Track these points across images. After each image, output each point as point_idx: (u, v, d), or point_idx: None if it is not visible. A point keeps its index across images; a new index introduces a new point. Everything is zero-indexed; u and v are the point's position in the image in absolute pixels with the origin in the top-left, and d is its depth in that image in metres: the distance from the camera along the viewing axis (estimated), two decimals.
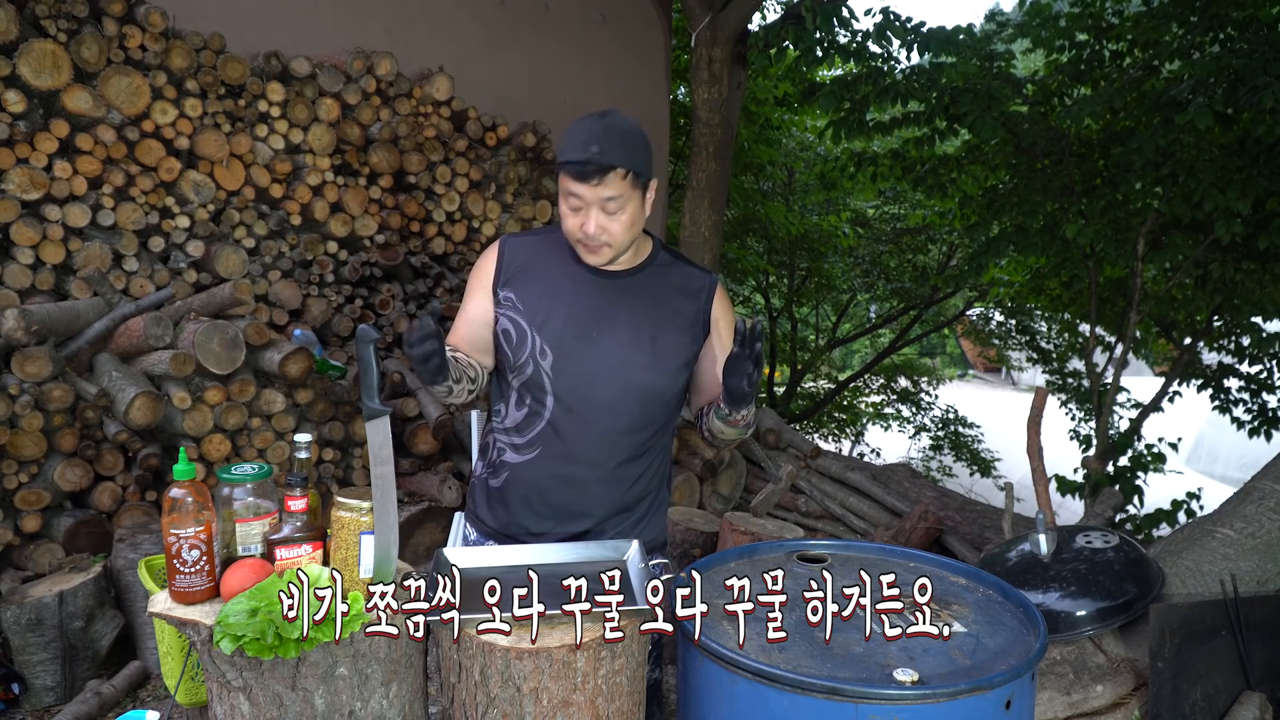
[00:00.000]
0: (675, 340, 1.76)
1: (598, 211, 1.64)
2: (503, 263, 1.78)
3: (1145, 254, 4.65)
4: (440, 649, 1.51)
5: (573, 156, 1.61)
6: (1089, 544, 2.58)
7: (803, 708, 1.24)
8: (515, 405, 1.78)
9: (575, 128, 1.65)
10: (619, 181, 1.62)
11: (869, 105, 5.22)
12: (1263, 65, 3.82)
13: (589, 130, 1.62)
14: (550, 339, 1.72)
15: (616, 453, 1.77)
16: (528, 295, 1.75)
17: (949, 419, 9.31)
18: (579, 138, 1.62)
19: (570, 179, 1.63)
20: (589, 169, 1.60)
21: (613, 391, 1.73)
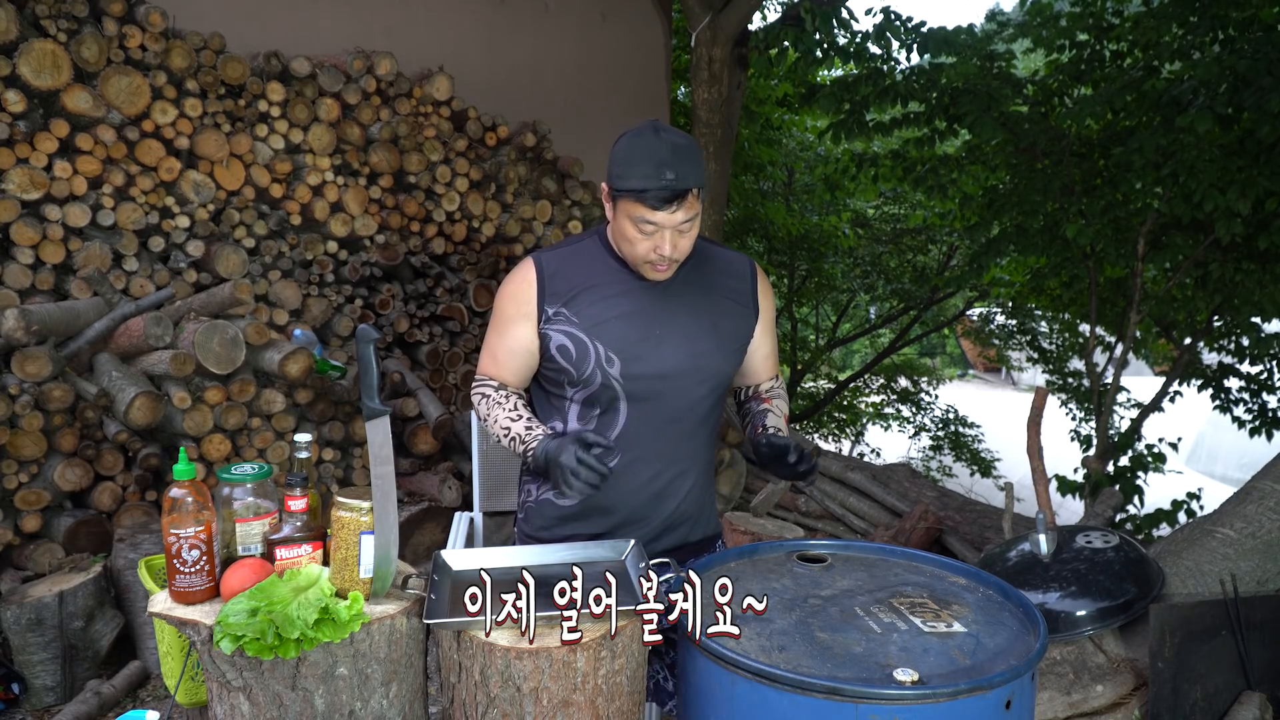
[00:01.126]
0: (734, 323, 1.78)
1: (672, 233, 1.60)
2: (543, 282, 1.73)
3: (1145, 254, 4.65)
4: (440, 649, 1.51)
5: (647, 185, 1.55)
6: (1089, 544, 2.58)
7: (803, 708, 1.24)
8: (579, 418, 1.76)
9: (635, 150, 1.59)
10: (693, 201, 1.59)
11: (869, 106, 5.22)
12: (1267, 66, 3.82)
13: (654, 153, 1.56)
14: (615, 345, 1.69)
15: (697, 444, 1.81)
16: (581, 307, 1.71)
17: (949, 419, 9.31)
18: (646, 162, 1.56)
19: (644, 207, 1.57)
20: (666, 196, 1.55)
21: (686, 385, 1.73)
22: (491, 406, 1.78)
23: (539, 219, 5.00)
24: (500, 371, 1.79)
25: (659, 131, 1.60)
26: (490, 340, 1.80)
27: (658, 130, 1.60)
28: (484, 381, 1.83)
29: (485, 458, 2.79)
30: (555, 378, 1.75)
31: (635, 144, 1.60)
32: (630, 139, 1.62)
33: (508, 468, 2.82)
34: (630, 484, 1.76)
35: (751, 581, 1.60)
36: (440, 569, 1.61)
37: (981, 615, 1.47)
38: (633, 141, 1.60)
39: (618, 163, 1.61)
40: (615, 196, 1.63)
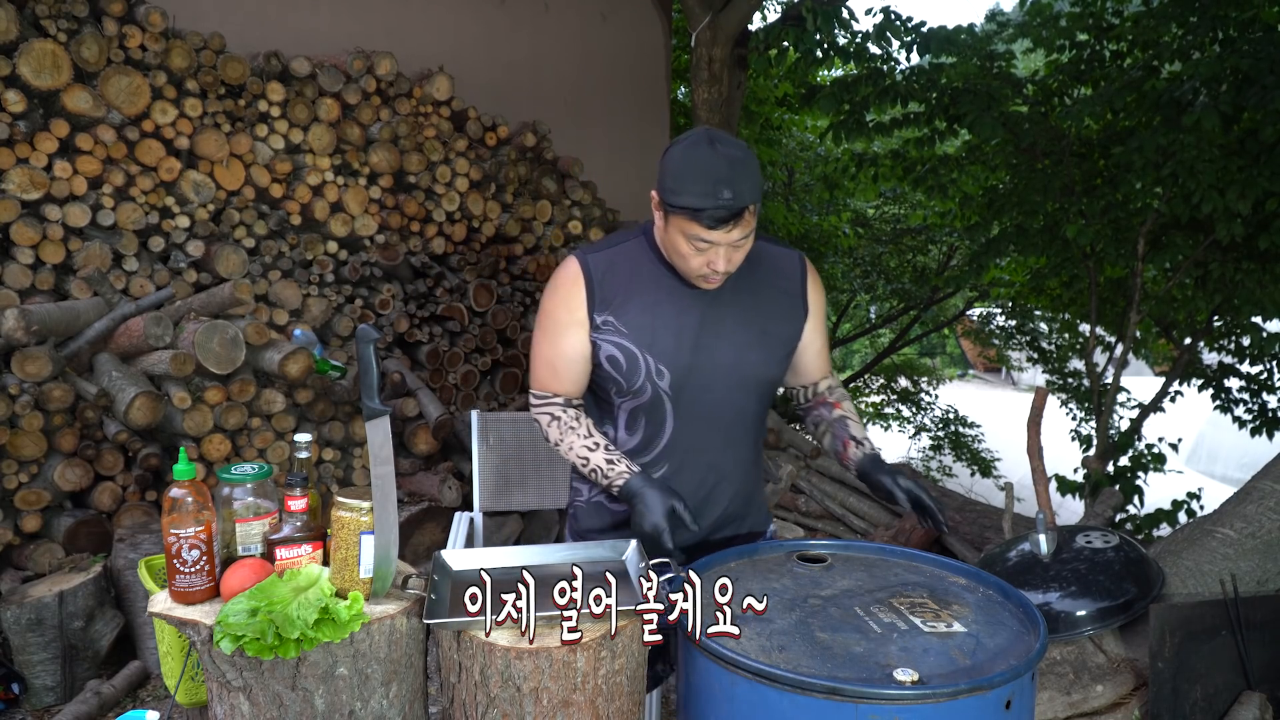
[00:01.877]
0: (783, 326, 1.75)
1: (727, 249, 1.56)
2: (593, 287, 1.67)
3: (1145, 254, 4.65)
4: (440, 649, 1.51)
5: (703, 204, 1.49)
6: (1089, 544, 2.58)
7: (803, 708, 1.24)
8: (627, 428, 1.74)
9: (690, 165, 1.51)
10: (749, 218, 1.53)
11: (869, 106, 5.22)
12: (1269, 66, 3.82)
13: (712, 171, 1.49)
14: (665, 359, 1.66)
15: (742, 449, 1.79)
16: (629, 316, 1.67)
17: (949, 419, 9.32)
18: (703, 179, 1.49)
19: (699, 226, 1.51)
20: (722, 216, 1.49)
21: (734, 395, 1.71)
22: (565, 432, 1.72)
23: (539, 219, 5.00)
24: (561, 384, 1.73)
25: (714, 144, 1.52)
26: (543, 349, 1.73)
27: (713, 142, 1.53)
28: (548, 400, 1.75)
29: (485, 458, 2.79)
30: (604, 385, 1.73)
31: (690, 158, 1.52)
32: (684, 151, 1.54)
33: (508, 468, 2.82)
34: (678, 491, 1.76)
35: (751, 581, 1.60)
36: (440, 569, 1.61)
37: (981, 615, 1.47)
38: (687, 154, 1.53)
39: (671, 176, 1.54)
40: (668, 211, 1.56)
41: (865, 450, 1.79)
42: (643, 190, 6.02)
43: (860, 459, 1.77)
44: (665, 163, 1.57)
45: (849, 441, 1.80)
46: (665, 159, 1.58)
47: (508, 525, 3.96)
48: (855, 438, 1.80)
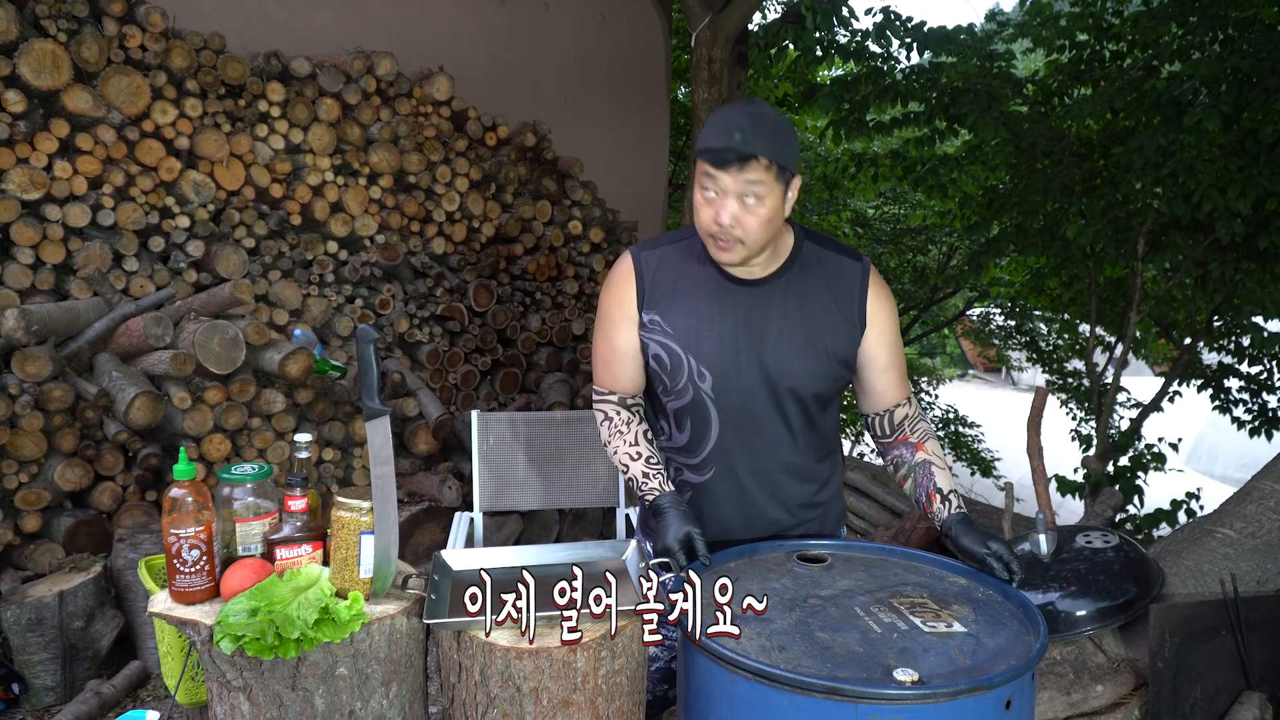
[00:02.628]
0: (832, 341, 1.69)
1: (734, 202, 1.55)
2: (642, 283, 1.69)
3: (1145, 254, 4.65)
4: (440, 649, 1.51)
5: (713, 143, 1.54)
6: (1089, 544, 2.58)
7: (802, 708, 1.24)
8: (677, 427, 1.75)
9: (718, 115, 1.58)
10: (760, 170, 1.53)
11: (869, 106, 5.22)
12: (1270, 66, 3.82)
13: (732, 118, 1.55)
14: (707, 361, 1.66)
15: (791, 459, 1.75)
16: (675, 317, 1.68)
17: (949, 419, 9.32)
18: (721, 125, 1.55)
19: (708, 165, 1.55)
20: (729, 155, 1.52)
21: (777, 404, 1.70)
22: (612, 435, 1.73)
23: (539, 219, 5.00)
24: (616, 381, 1.74)
25: (750, 103, 1.59)
26: (600, 346, 1.74)
27: (750, 103, 1.59)
28: (604, 397, 1.76)
29: (485, 458, 2.79)
30: (651, 383, 1.75)
31: (721, 111, 1.59)
32: (720, 109, 1.63)
33: (508, 468, 2.82)
34: (722, 501, 1.76)
35: (751, 581, 1.60)
36: (440, 569, 1.61)
37: (981, 615, 1.47)
38: (721, 110, 1.59)
39: (703, 130, 1.60)
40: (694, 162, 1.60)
41: (952, 509, 1.68)
42: (643, 190, 6.06)
43: (947, 520, 1.68)
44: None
45: (934, 495, 1.70)
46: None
47: (508, 525, 3.96)
48: (942, 491, 1.70)
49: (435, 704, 2.12)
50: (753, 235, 1.58)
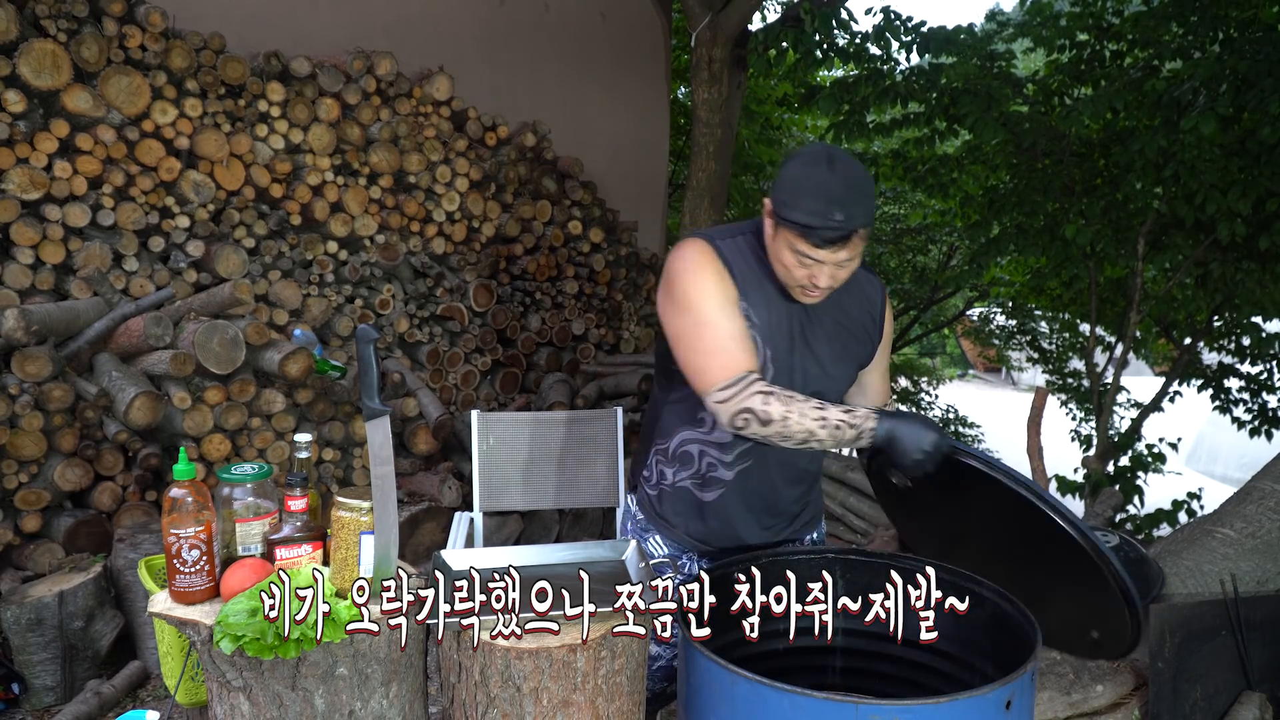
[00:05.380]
0: (859, 347, 1.81)
1: (831, 268, 1.57)
2: (730, 269, 1.66)
3: (1145, 254, 4.65)
4: (440, 649, 1.51)
5: (813, 222, 1.50)
6: None
7: (803, 708, 1.24)
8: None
9: (806, 182, 1.52)
10: (857, 241, 1.55)
11: (869, 106, 5.22)
12: (1268, 68, 3.82)
13: (826, 189, 1.50)
14: (774, 358, 1.69)
15: (814, 456, 1.86)
16: (757, 309, 1.67)
17: (949, 419, 9.31)
18: (816, 198, 1.50)
19: (806, 243, 1.53)
20: (831, 236, 1.51)
21: None
22: (786, 401, 1.58)
23: (539, 219, 5.00)
24: (748, 361, 1.61)
25: (833, 163, 1.53)
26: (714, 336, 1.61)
27: (832, 162, 1.54)
28: (747, 380, 1.59)
29: (485, 458, 2.79)
30: None
31: (807, 174, 1.53)
32: (802, 166, 1.55)
33: (508, 467, 2.82)
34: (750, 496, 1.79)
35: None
36: (440, 569, 1.61)
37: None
38: (804, 171, 1.54)
39: (787, 189, 1.55)
40: (779, 222, 1.57)
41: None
42: (643, 190, 6.05)
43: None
44: (783, 174, 1.59)
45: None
46: (783, 170, 1.60)
47: (508, 525, 3.96)
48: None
49: (435, 704, 2.12)
50: (840, 283, 1.63)
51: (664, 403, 1.83)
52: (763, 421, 1.57)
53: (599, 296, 5.31)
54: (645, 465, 1.90)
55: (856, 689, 1.66)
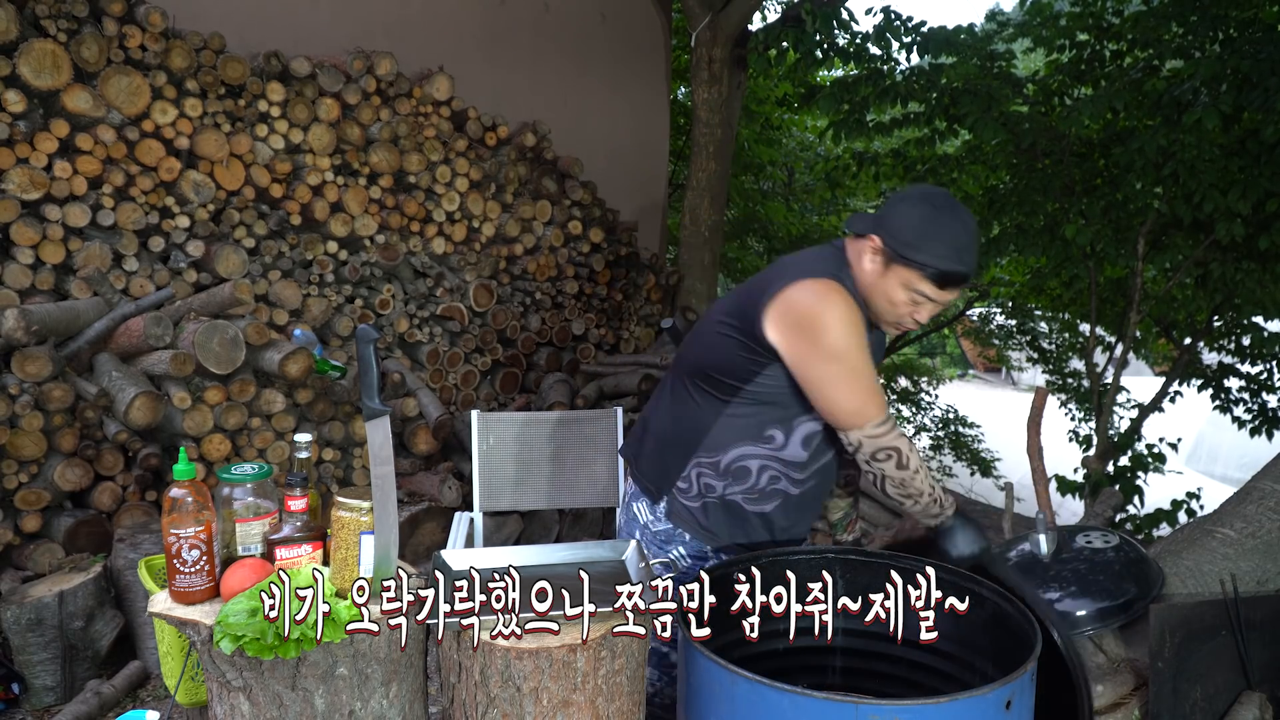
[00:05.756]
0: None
1: (936, 305, 1.71)
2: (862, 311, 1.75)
3: (1145, 254, 4.65)
4: (440, 649, 1.51)
5: (944, 266, 1.63)
6: (1089, 544, 2.58)
7: (803, 708, 1.24)
8: (802, 442, 1.79)
9: (935, 227, 1.63)
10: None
11: (869, 106, 5.22)
12: (1270, 67, 3.81)
13: (955, 236, 1.63)
14: None
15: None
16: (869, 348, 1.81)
17: (949, 419, 9.31)
18: (947, 244, 1.63)
19: (930, 284, 1.65)
20: (956, 280, 1.65)
21: None
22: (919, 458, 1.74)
23: (539, 219, 5.00)
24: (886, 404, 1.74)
25: (955, 210, 1.65)
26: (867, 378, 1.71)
27: (954, 209, 1.65)
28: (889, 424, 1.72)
29: (485, 458, 2.79)
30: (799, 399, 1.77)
31: (935, 219, 1.64)
32: (929, 210, 1.65)
33: (508, 468, 2.82)
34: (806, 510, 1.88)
35: None
36: (440, 569, 1.61)
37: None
38: (931, 215, 1.64)
39: (911, 232, 1.65)
40: (896, 261, 1.67)
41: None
42: (643, 190, 6.05)
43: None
44: (901, 216, 1.68)
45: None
46: (900, 212, 1.68)
47: (508, 525, 3.96)
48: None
49: (435, 704, 2.12)
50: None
51: (718, 416, 1.81)
52: (900, 465, 1.70)
53: (599, 296, 5.31)
54: (682, 476, 1.86)
55: (856, 689, 1.66)
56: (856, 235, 1.77)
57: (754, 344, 1.73)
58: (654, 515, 1.90)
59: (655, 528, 1.89)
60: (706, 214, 5.74)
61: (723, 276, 8.82)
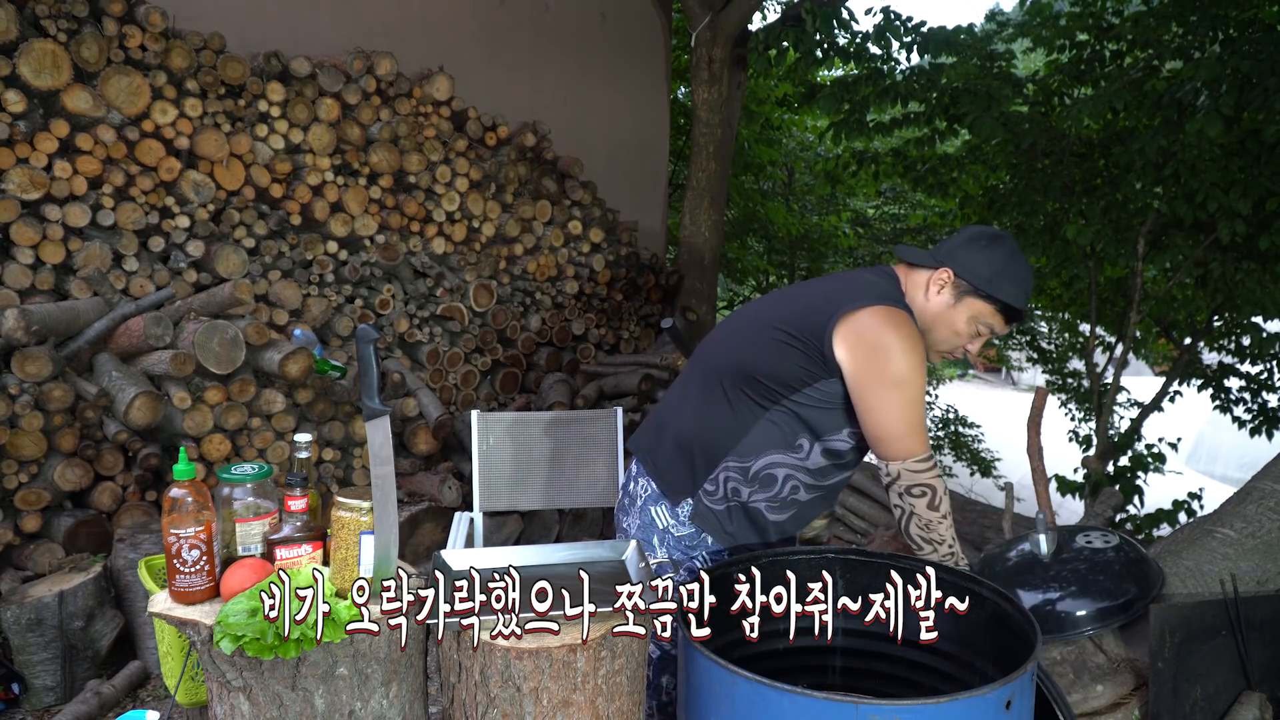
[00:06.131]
0: None
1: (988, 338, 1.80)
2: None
3: (1145, 254, 4.65)
4: (440, 649, 1.51)
5: (1020, 305, 1.75)
6: (1089, 544, 2.58)
7: (803, 708, 1.24)
8: (825, 456, 1.82)
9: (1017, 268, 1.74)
10: None
11: (869, 106, 5.22)
12: (1271, 67, 3.81)
13: (1026, 278, 1.76)
14: None
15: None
16: None
17: (949, 419, 9.31)
18: (1021, 284, 1.74)
19: (1000, 319, 1.77)
20: (1018, 318, 1.79)
21: None
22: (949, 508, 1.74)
23: (539, 219, 5.00)
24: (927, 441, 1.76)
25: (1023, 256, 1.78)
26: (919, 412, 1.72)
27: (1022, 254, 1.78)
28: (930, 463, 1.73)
29: (485, 458, 2.79)
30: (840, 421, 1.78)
31: (1013, 261, 1.75)
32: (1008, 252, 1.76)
33: (508, 468, 2.82)
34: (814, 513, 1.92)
35: None
36: (440, 569, 1.61)
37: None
38: (1011, 256, 1.75)
39: (992, 268, 1.74)
40: (971, 294, 1.76)
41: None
42: (643, 190, 6.05)
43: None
44: (982, 254, 1.76)
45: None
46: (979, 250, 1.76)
47: (508, 525, 3.96)
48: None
49: (435, 704, 2.12)
50: None
51: (756, 421, 1.79)
52: (931, 505, 1.71)
53: (599, 296, 5.31)
54: (710, 478, 1.83)
55: (856, 689, 1.66)
56: (911, 265, 1.83)
57: (816, 356, 1.73)
58: (676, 519, 1.86)
59: (679, 532, 1.86)
60: (706, 214, 5.74)
61: (723, 276, 8.83)
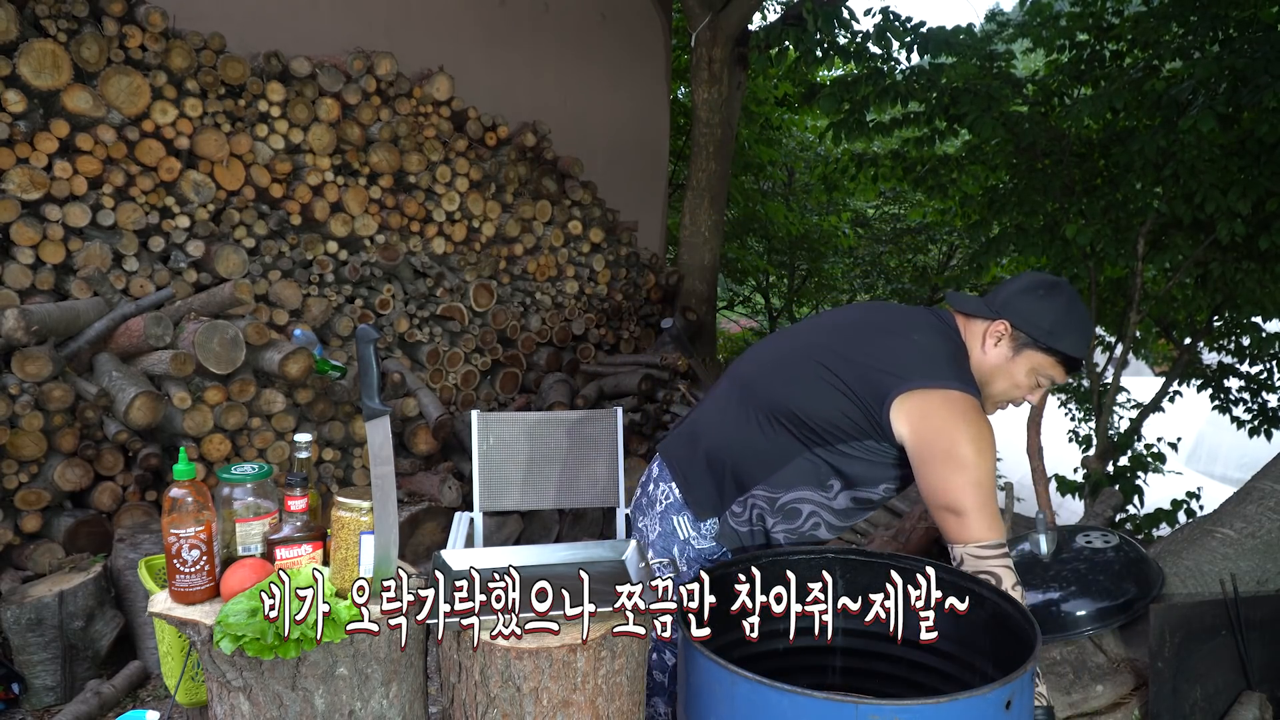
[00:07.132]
0: None
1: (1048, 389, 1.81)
2: None
3: (1145, 254, 4.65)
4: (440, 649, 1.51)
5: (1080, 356, 1.73)
6: (1089, 544, 2.58)
7: (803, 708, 1.24)
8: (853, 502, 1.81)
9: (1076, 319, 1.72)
10: None
11: (869, 106, 5.22)
12: (1265, 65, 3.82)
13: (1086, 328, 1.74)
14: None
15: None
16: None
17: None
18: (1085, 336, 1.73)
19: (1061, 370, 1.74)
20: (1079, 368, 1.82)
21: None
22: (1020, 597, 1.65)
23: (539, 219, 5.00)
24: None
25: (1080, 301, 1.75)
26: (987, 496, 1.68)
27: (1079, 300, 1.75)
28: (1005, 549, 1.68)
29: (485, 458, 2.79)
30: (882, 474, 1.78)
31: (1072, 310, 1.72)
32: (1066, 301, 1.73)
33: (508, 468, 2.82)
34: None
35: None
36: (440, 569, 1.61)
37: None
38: (1070, 306, 1.73)
39: (1054, 320, 1.71)
40: (1030, 346, 1.73)
41: None
42: (642, 190, 6.05)
43: None
44: (1040, 304, 1.73)
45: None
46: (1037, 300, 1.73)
47: (508, 525, 3.96)
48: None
49: (435, 704, 2.12)
50: None
51: (793, 458, 1.77)
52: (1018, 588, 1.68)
53: (599, 296, 5.32)
54: (738, 500, 1.82)
55: (856, 689, 1.66)
56: (967, 315, 1.81)
57: (871, 418, 1.71)
58: (698, 532, 1.84)
59: (699, 545, 1.85)
60: (706, 214, 5.74)
61: (723, 276, 8.83)
